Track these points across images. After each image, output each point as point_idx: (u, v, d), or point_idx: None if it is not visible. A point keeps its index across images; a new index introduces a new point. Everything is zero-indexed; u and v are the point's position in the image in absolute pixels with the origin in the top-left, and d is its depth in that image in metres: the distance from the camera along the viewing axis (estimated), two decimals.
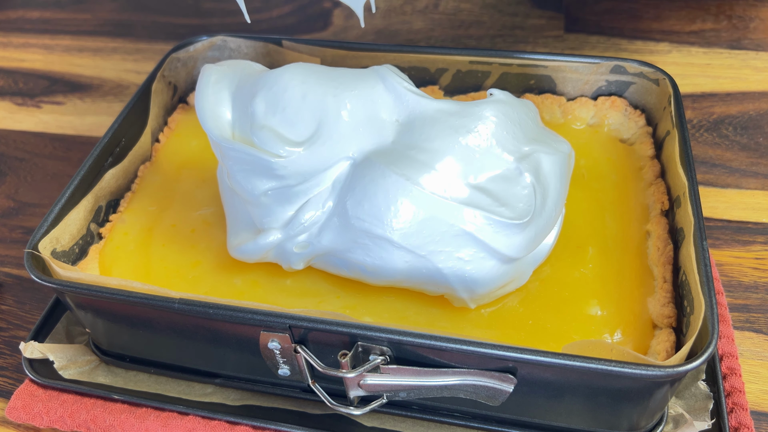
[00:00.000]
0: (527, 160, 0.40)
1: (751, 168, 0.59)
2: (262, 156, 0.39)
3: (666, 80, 0.50)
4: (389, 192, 0.38)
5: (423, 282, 0.40)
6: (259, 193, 0.40)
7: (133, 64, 0.78)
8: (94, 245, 0.47)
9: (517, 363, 0.35)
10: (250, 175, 0.40)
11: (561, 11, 0.79)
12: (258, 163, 0.39)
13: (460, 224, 0.38)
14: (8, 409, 0.45)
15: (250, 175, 0.40)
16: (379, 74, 0.42)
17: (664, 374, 0.33)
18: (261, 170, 0.40)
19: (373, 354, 0.37)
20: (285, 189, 0.40)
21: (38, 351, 0.45)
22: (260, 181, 0.40)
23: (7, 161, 0.67)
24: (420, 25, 0.79)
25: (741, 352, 0.47)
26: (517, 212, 0.39)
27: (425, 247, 0.39)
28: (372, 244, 0.39)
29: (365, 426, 0.42)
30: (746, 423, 0.41)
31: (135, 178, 0.52)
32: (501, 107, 0.41)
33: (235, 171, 0.41)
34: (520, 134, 0.41)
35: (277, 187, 0.40)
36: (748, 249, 0.53)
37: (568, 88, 0.54)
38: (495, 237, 0.38)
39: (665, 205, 0.46)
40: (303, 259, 0.42)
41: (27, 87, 0.76)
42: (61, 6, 0.88)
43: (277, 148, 0.39)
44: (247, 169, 0.40)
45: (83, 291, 0.40)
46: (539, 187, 0.40)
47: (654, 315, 0.41)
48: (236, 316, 0.38)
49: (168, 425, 0.43)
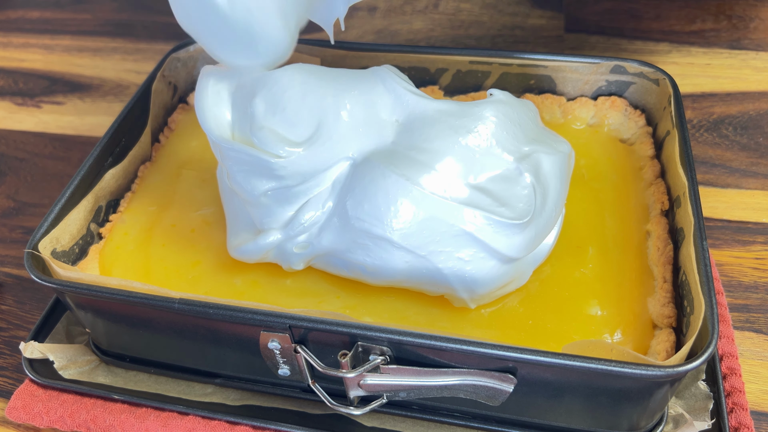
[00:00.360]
0: (527, 160, 0.40)
1: (751, 168, 0.59)
2: (261, 156, 0.39)
3: (666, 80, 0.50)
4: (389, 192, 0.38)
5: (423, 282, 0.40)
6: (258, 194, 0.40)
7: (133, 64, 0.78)
8: (94, 245, 0.47)
9: (517, 363, 0.35)
10: (250, 175, 0.40)
11: (561, 11, 0.79)
12: (258, 163, 0.39)
13: (460, 224, 0.38)
14: (8, 409, 0.45)
15: (250, 175, 0.40)
16: (379, 75, 0.42)
17: (664, 374, 0.33)
18: (261, 170, 0.40)
19: (373, 354, 0.37)
20: (285, 189, 0.40)
21: (38, 351, 0.45)
22: (260, 182, 0.40)
23: (7, 161, 0.67)
24: (420, 25, 0.79)
25: (741, 352, 0.47)
26: (517, 212, 0.39)
27: (425, 248, 0.39)
28: (372, 244, 0.39)
29: (365, 426, 0.42)
30: (746, 423, 0.41)
31: (135, 178, 0.52)
32: (501, 107, 0.41)
33: (234, 171, 0.41)
34: (520, 134, 0.41)
35: (277, 187, 0.40)
36: (748, 249, 0.53)
37: (568, 88, 0.54)
38: (495, 237, 0.38)
39: (665, 205, 0.46)
40: (303, 260, 0.42)
41: (27, 87, 0.76)
42: (61, 6, 0.88)
43: (276, 148, 0.39)
44: (247, 169, 0.40)
45: (83, 291, 0.40)
46: (539, 187, 0.40)
47: (654, 315, 0.41)
48: (236, 316, 0.38)
49: (168, 425, 0.43)
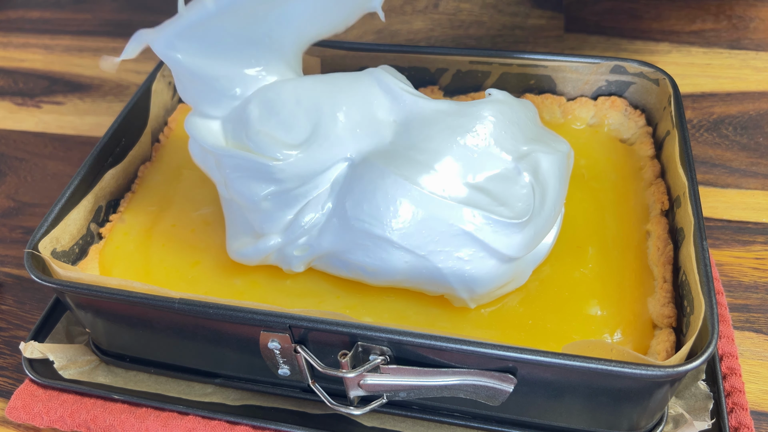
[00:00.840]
0: (526, 159, 0.40)
1: (751, 168, 0.59)
2: (259, 160, 0.39)
3: (666, 80, 0.50)
4: (388, 192, 0.38)
5: (423, 282, 0.40)
6: (258, 199, 0.40)
7: (133, 64, 0.78)
8: (94, 245, 0.47)
9: (517, 363, 0.35)
10: (249, 181, 0.40)
11: (561, 11, 0.79)
12: (255, 168, 0.39)
13: (459, 224, 0.38)
14: (8, 409, 0.45)
15: (249, 181, 0.40)
16: (374, 75, 0.42)
17: (664, 374, 0.33)
18: (259, 175, 0.40)
19: (373, 354, 0.37)
20: (284, 193, 0.40)
21: (38, 351, 0.45)
22: (259, 186, 0.40)
23: (7, 161, 0.67)
24: (420, 25, 0.79)
25: (741, 352, 0.47)
26: (515, 211, 0.39)
27: (425, 247, 0.39)
28: (371, 244, 0.39)
29: (365, 426, 0.42)
30: (746, 423, 0.41)
31: (135, 178, 0.52)
32: (499, 107, 0.41)
33: (232, 179, 0.41)
34: (518, 134, 0.41)
35: (277, 191, 0.40)
36: (748, 249, 0.53)
37: (568, 88, 0.54)
38: (494, 236, 0.38)
39: (665, 205, 0.46)
40: (303, 262, 0.42)
41: (27, 87, 0.76)
42: (61, 6, 0.88)
43: (274, 151, 0.39)
44: (245, 175, 0.40)
45: (83, 291, 0.40)
46: (538, 187, 0.40)
47: (654, 315, 0.41)
48: (236, 316, 0.38)
49: (168, 425, 0.43)
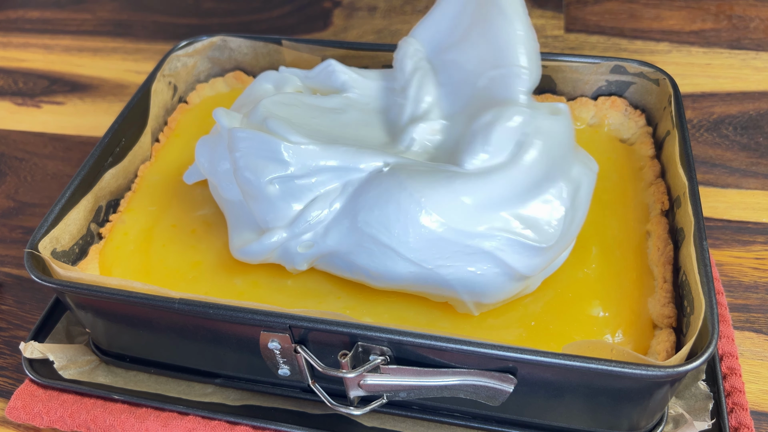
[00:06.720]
0: (571, 182, 0.39)
1: (751, 168, 0.59)
2: (270, 138, 0.39)
3: (666, 80, 0.50)
4: (401, 205, 0.37)
5: (427, 289, 0.40)
6: (265, 182, 0.40)
7: (133, 64, 0.78)
8: (94, 245, 0.47)
9: (517, 363, 0.35)
10: (257, 160, 0.40)
11: (561, 11, 0.79)
12: (265, 147, 0.40)
13: (479, 245, 0.37)
14: (8, 409, 0.45)
15: (257, 160, 0.40)
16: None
17: (664, 374, 0.33)
18: (268, 154, 0.40)
19: (373, 354, 0.37)
20: (289, 179, 0.40)
21: (38, 351, 0.45)
22: (267, 167, 0.40)
23: (7, 161, 0.67)
24: None
25: (741, 352, 0.47)
26: (543, 236, 0.37)
27: (433, 262, 0.38)
28: (377, 250, 0.38)
29: (365, 426, 0.42)
30: (746, 423, 0.41)
31: (135, 178, 0.52)
32: (557, 125, 0.39)
33: (242, 163, 0.40)
34: (567, 153, 0.39)
35: (282, 175, 0.40)
36: (748, 249, 0.53)
37: (568, 88, 0.54)
38: (514, 257, 0.37)
39: (665, 205, 0.46)
40: (307, 260, 0.42)
41: (27, 87, 0.76)
42: (61, 6, 0.88)
43: (287, 133, 0.40)
44: (255, 155, 0.40)
45: (83, 291, 0.40)
46: (572, 211, 0.39)
47: (654, 315, 0.41)
48: (236, 316, 0.38)
49: (168, 425, 0.43)
